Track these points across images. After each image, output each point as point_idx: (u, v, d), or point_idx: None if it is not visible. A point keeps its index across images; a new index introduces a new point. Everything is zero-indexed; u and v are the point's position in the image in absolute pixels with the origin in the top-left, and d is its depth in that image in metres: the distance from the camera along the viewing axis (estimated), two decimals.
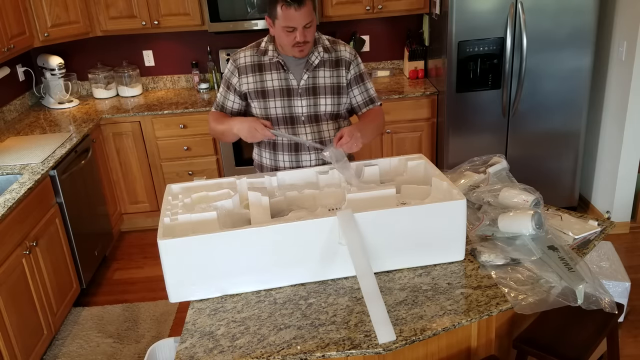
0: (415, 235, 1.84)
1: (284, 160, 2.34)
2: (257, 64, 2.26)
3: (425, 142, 4.16)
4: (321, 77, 2.27)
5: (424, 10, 4.08)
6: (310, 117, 2.29)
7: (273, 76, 2.25)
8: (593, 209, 4.08)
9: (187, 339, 1.66)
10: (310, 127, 2.29)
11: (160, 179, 4.13)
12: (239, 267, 1.79)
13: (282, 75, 2.25)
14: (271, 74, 2.25)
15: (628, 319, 3.05)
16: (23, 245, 2.78)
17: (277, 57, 2.24)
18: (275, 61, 2.24)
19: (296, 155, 2.33)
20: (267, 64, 2.26)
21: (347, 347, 1.57)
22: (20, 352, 2.68)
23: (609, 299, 1.72)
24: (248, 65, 2.27)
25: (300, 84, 2.25)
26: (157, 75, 4.52)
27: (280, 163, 2.34)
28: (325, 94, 2.28)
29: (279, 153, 2.33)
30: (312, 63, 2.25)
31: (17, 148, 3.40)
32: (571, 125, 3.83)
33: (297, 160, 2.33)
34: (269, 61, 2.25)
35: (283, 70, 2.25)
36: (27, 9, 3.66)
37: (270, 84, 2.25)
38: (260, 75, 2.26)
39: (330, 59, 2.28)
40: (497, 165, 2.31)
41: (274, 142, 2.32)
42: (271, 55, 2.24)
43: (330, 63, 2.28)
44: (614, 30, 3.69)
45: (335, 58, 2.29)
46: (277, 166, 2.35)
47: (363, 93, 2.36)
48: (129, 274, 3.79)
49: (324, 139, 2.32)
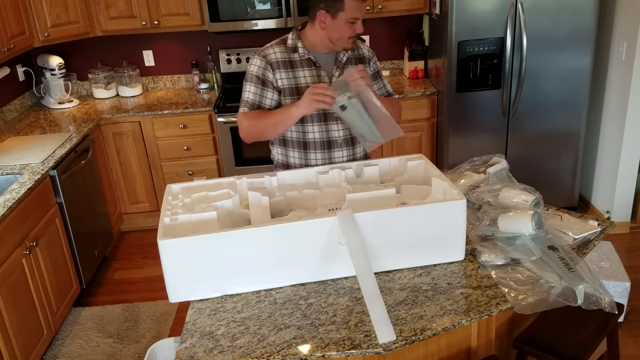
0: (415, 235, 1.84)
1: (316, 158, 2.31)
2: (288, 60, 2.24)
3: (425, 142, 4.16)
4: None
5: (424, 10, 4.08)
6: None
7: (305, 73, 2.24)
8: (593, 209, 4.08)
9: (187, 339, 1.66)
10: (342, 123, 2.28)
11: (160, 179, 4.13)
12: (239, 267, 1.79)
13: (314, 72, 2.24)
14: (303, 71, 2.24)
15: (628, 319, 3.05)
16: (23, 245, 2.78)
17: (307, 54, 2.23)
18: (306, 58, 2.24)
19: (329, 152, 2.31)
20: (297, 61, 2.24)
21: (347, 347, 1.57)
22: (20, 352, 2.68)
23: (609, 299, 1.72)
24: (280, 61, 2.23)
25: (332, 81, 2.25)
26: (157, 75, 4.52)
27: (312, 161, 2.31)
28: None
29: (310, 151, 2.30)
30: (341, 60, 2.27)
31: (17, 148, 3.40)
32: (571, 125, 3.83)
33: (329, 157, 2.31)
34: (299, 58, 2.24)
35: (315, 67, 2.24)
36: (27, 9, 3.66)
37: (303, 81, 2.23)
38: (292, 71, 2.24)
39: (355, 56, 2.32)
40: (497, 165, 2.31)
41: (305, 141, 2.29)
42: (302, 52, 2.24)
43: (355, 60, 2.31)
44: (614, 30, 3.69)
45: (358, 55, 2.33)
46: (307, 165, 2.32)
47: (382, 89, 2.42)
48: (129, 274, 3.79)
49: (355, 136, 2.32)
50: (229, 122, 3.92)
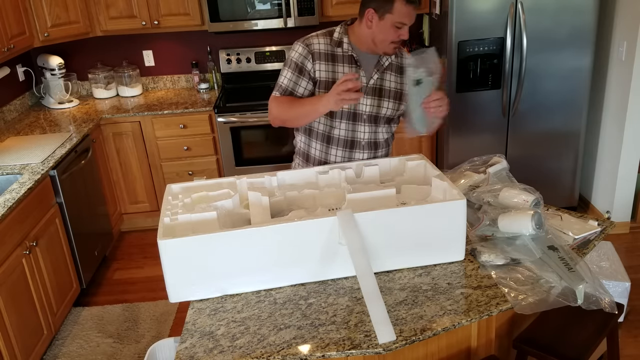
0: (415, 235, 1.84)
1: (337, 155, 2.31)
2: (331, 53, 2.22)
3: (425, 142, 4.16)
4: (387, 80, 2.27)
5: (424, 10, 4.08)
6: (371, 116, 2.27)
7: (345, 69, 2.22)
8: (593, 209, 4.08)
9: (187, 339, 1.66)
10: (369, 126, 2.28)
11: (160, 179, 4.13)
12: (239, 267, 1.79)
13: (354, 70, 2.22)
14: (343, 67, 2.22)
15: (628, 319, 3.05)
16: (23, 245, 2.78)
17: (351, 51, 2.22)
18: (349, 55, 2.22)
19: (350, 152, 2.31)
20: (339, 56, 2.22)
21: (347, 347, 1.57)
22: (20, 352, 2.68)
23: (609, 299, 1.72)
24: (322, 52, 2.22)
25: (369, 83, 2.24)
26: (157, 75, 4.52)
27: (332, 157, 2.32)
28: (389, 97, 2.27)
29: (333, 147, 2.30)
30: (382, 64, 2.25)
31: (17, 148, 3.40)
32: (571, 125, 3.83)
33: (350, 156, 2.31)
34: (342, 53, 2.22)
35: (355, 66, 2.23)
36: (27, 9, 3.66)
37: (341, 77, 2.22)
38: (333, 65, 2.22)
39: (397, 64, 2.29)
40: (497, 165, 2.31)
41: (329, 136, 2.29)
42: (346, 48, 2.22)
43: (396, 68, 2.28)
44: (614, 30, 3.69)
45: (400, 64, 2.29)
46: (327, 160, 2.32)
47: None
48: (129, 274, 3.79)
49: (378, 140, 2.32)
50: (229, 122, 3.92)
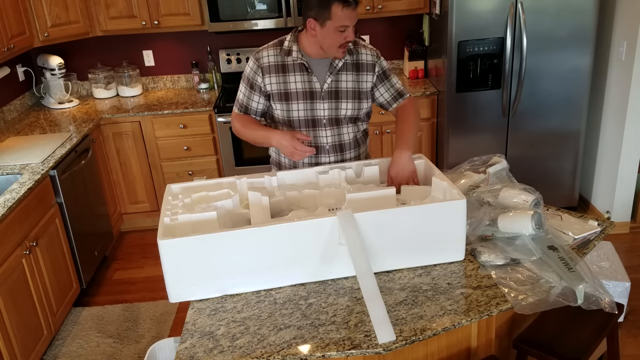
0: (415, 235, 1.84)
1: (303, 161, 2.32)
2: (281, 64, 2.22)
3: (425, 142, 4.16)
4: (343, 81, 2.25)
5: (424, 10, 4.08)
6: (331, 120, 2.27)
7: (296, 78, 2.22)
8: (593, 209, 4.08)
9: (187, 339, 1.66)
10: (331, 129, 2.28)
11: (160, 179, 4.13)
12: (239, 267, 1.79)
13: (306, 78, 2.22)
14: (294, 76, 2.22)
15: (628, 319, 3.05)
16: (23, 245, 2.78)
17: (301, 58, 2.21)
18: (299, 63, 2.21)
19: (315, 158, 2.32)
20: (290, 65, 2.22)
21: (347, 347, 1.57)
22: (20, 352, 2.68)
23: (609, 299, 1.72)
24: (272, 65, 2.22)
25: (323, 87, 2.23)
26: (157, 75, 4.52)
27: (299, 163, 2.33)
28: (347, 98, 2.26)
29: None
30: (335, 66, 2.23)
31: (17, 148, 3.40)
32: (571, 125, 3.83)
33: (316, 162, 2.32)
34: (292, 62, 2.22)
35: (307, 73, 2.22)
36: (27, 9, 3.66)
37: (294, 86, 2.22)
38: (283, 76, 2.22)
39: (353, 62, 2.26)
40: (497, 165, 2.31)
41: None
42: (295, 57, 2.21)
43: (352, 67, 2.26)
44: (614, 30, 3.69)
45: (357, 61, 2.27)
46: (296, 166, 2.34)
47: (390, 89, 2.34)
48: (129, 274, 3.79)
49: (343, 142, 2.31)
50: (229, 122, 3.91)
